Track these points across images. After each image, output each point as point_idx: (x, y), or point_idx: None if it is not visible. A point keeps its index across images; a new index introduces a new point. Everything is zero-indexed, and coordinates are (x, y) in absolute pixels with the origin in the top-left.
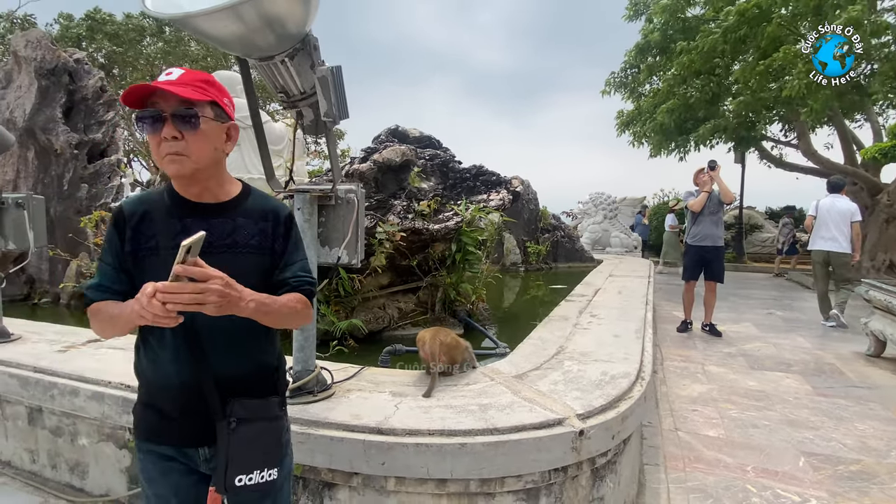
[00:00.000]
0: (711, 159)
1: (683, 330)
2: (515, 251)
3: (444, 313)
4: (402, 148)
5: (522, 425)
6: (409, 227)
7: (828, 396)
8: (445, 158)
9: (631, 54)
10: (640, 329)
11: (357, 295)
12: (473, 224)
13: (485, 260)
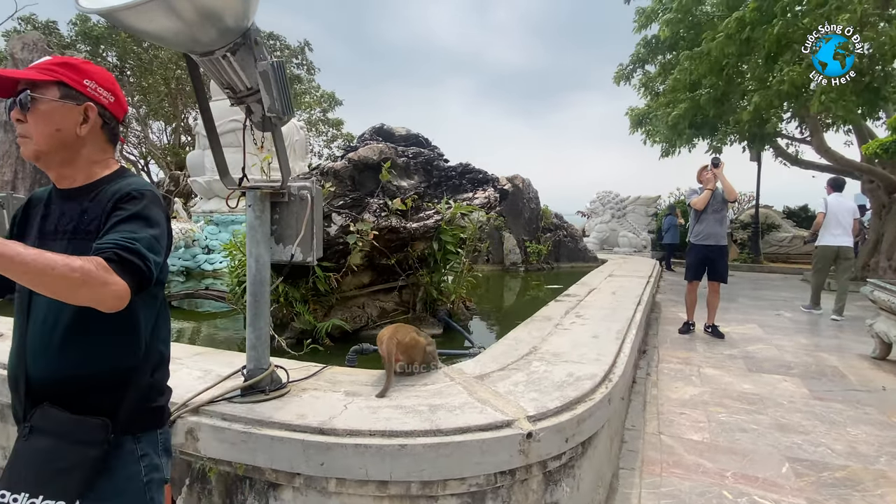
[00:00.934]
0: (715, 156)
1: (685, 331)
2: (515, 251)
3: (425, 313)
4: (379, 146)
5: (468, 427)
6: (386, 226)
7: (824, 400)
8: (430, 156)
9: (639, 48)
10: (623, 330)
11: (334, 294)
12: (454, 222)
13: (465, 259)
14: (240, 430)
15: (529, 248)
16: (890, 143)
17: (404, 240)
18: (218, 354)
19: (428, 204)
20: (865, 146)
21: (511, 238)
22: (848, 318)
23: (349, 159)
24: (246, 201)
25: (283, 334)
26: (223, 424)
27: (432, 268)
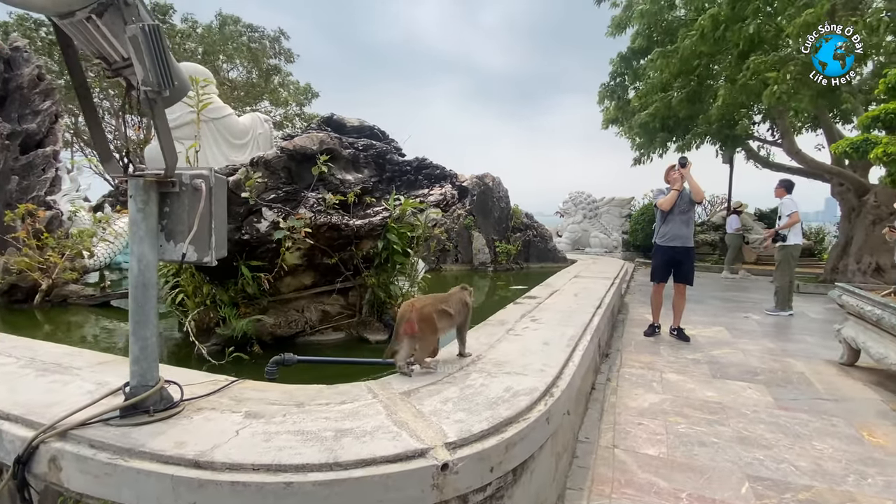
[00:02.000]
0: (682, 156)
1: (651, 334)
2: (484, 250)
3: (372, 317)
4: (320, 135)
5: (373, 458)
6: (325, 223)
7: (789, 410)
8: (382, 149)
9: (616, 62)
10: (577, 336)
11: (266, 296)
12: (404, 220)
13: (415, 258)
14: (104, 461)
15: (499, 247)
16: (860, 142)
17: (348, 238)
18: (124, 364)
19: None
20: (835, 145)
21: (480, 237)
22: (816, 321)
23: (283, 149)
24: (127, 191)
25: (208, 341)
26: (88, 453)
27: (379, 268)
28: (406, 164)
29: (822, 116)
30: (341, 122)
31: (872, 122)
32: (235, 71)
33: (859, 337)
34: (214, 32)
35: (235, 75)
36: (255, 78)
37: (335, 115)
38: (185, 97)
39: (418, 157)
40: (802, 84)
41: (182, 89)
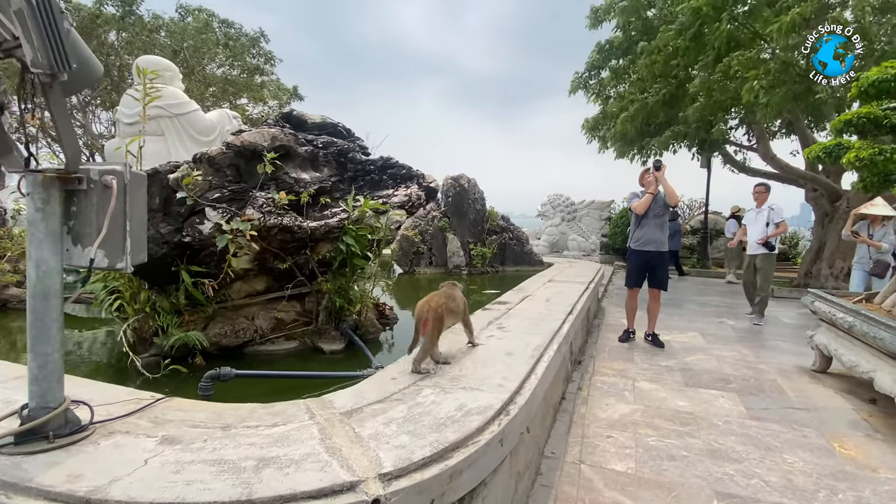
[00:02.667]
0: (657, 159)
1: (625, 339)
2: (459, 253)
3: (328, 324)
4: (272, 131)
5: (293, 494)
6: (276, 224)
7: (761, 420)
8: (344, 147)
9: (593, 54)
10: (542, 346)
11: (212, 303)
12: (364, 222)
13: (375, 262)
14: None
15: (474, 250)
16: (833, 147)
17: (302, 241)
18: None
19: (327, 199)
20: (808, 150)
21: (455, 240)
22: (789, 326)
23: (229, 145)
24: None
25: (146, 352)
26: None
27: (336, 273)
28: (370, 164)
29: (797, 122)
30: (302, 118)
31: (845, 125)
32: (211, 66)
33: (831, 344)
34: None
35: (211, 70)
36: (236, 74)
37: (295, 111)
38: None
39: (383, 157)
40: (780, 82)
41: (88, 73)
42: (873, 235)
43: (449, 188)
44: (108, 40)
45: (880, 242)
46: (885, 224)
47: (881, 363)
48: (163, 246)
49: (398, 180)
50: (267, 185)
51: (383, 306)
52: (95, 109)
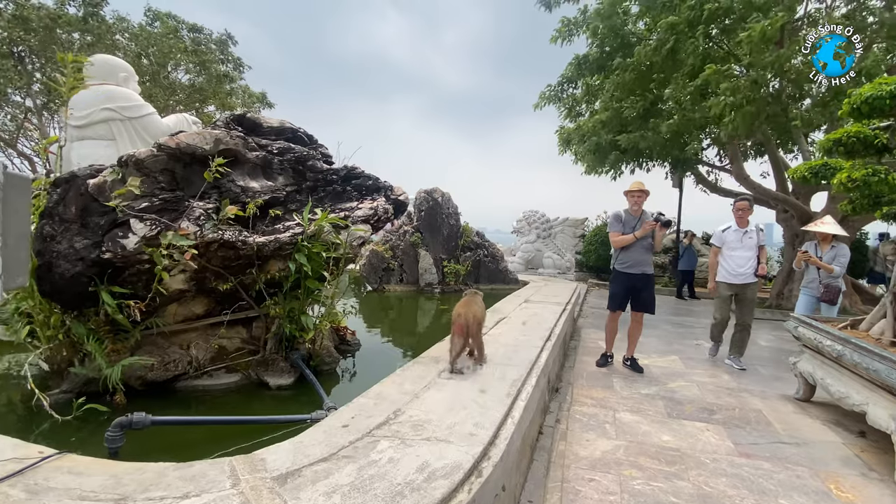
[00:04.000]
0: (668, 219)
1: (603, 364)
2: (432, 270)
3: (277, 354)
4: (216, 133)
5: None
6: (216, 239)
7: (750, 458)
8: (302, 154)
9: (569, 67)
10: (520, 379)
11: (138, 329)
12: (320, 237)
13: (333, 283)
14: None
15: (447, 267)
16: (819, 167)
17: (249, 258)
18: None
19: (276, 212)
20: (793, 170)
21: (427, 256)
22: (767, 349)
23: (161, 146)
24: None
25: (59, 387)
26: None
27: (288, 295)
28: (332, 173)
29: (767, 144)
30: (256, 121)
31: (834, 144)
32: (178, 72)
33: (817, 373)
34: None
35: (177, 77)
36: (203, 81)
37: (250, 114)
38: None
39: (347, 166)
40: (749, 100)
41: None
42: (822, 257)
43: (422, 202)
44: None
45: (832, 266)
46: (835, 245)
47: (874, 396)
48: (77, 263)
49: (363, 192)
50: (208, 193)
51: (344, 331)
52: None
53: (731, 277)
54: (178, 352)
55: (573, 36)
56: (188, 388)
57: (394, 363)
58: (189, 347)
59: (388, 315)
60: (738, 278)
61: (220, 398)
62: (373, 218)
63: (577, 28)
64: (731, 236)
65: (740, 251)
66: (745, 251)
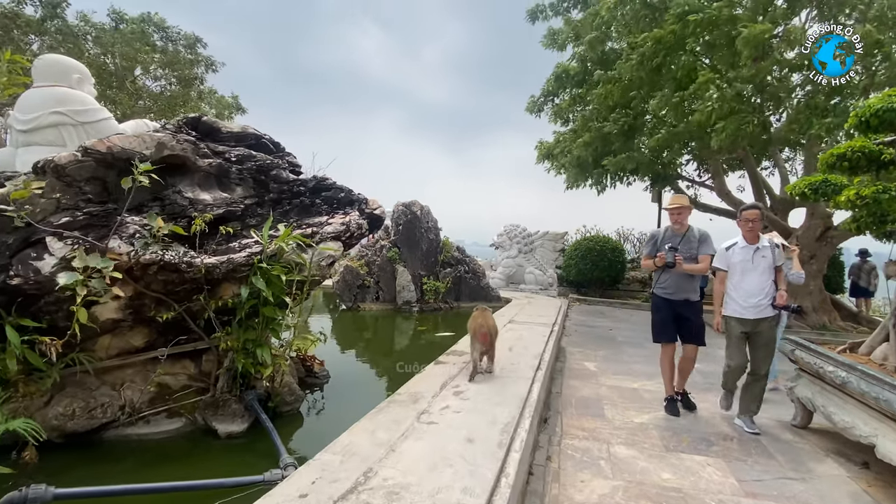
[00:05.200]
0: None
1: (673, 411)
2: (410, 287)
3: (230, 393)
4: (157, 135)
5: None
6: (155, 261)
7: (757, 498)
8: (265, 163)
9: (550, 81)
10: (513, 422)
11: (56, 368)
12: (283, 257)
13: (297, 310)
14: None
15: (426, 284)
16: (819, 183)
17: (196, 283)
18: None
19: (227, 229)
20: (791, 186)
21: (405, 272)
22: None
23: (88, 150)
24: None
25: None
26: None
27: (243, 324)
28: (300, 184)
29: (746, 159)
30: (213, 125)
31: (837, 160)
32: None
33: (816, 399)
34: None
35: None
36: (174, 87)
37: (205, 118)
38: None
39: (316, 176)
40: (733, 110)
41: None
42: None
43: (400, 215)
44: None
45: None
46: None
47: (885, 428)
48: None
49: (335, 205)
50: (147, 206)
51: (311, 360)
52: None
53: (742, 311)
54: (108, 394)
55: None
56: (119, 438)
57: (367, 399)
58: (123, 387)
59: (363, 337)
60: (752, 311)
61: (157, 450)
62: (344, 234)
63: (566, 38)
64: (738, 255)
65: (752, 275)
66: (758, 275)
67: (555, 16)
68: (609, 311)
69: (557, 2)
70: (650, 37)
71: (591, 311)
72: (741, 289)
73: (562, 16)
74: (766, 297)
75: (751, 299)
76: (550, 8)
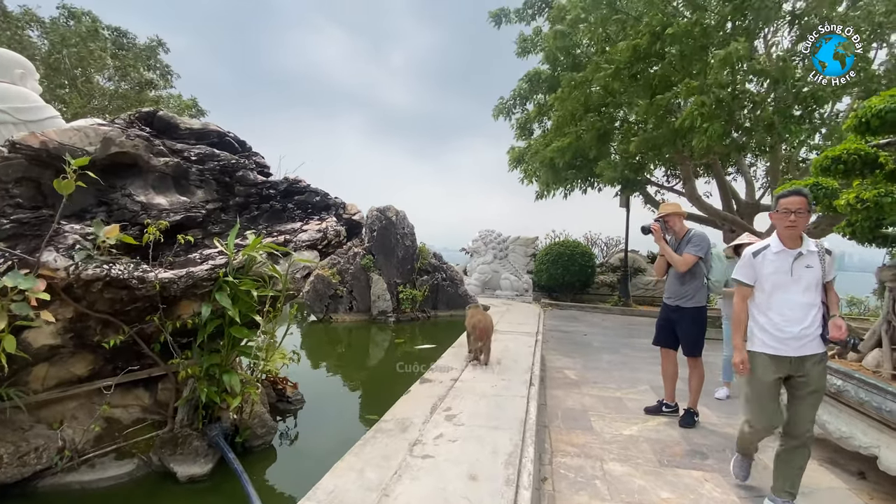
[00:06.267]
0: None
1: (654, 410)
2: (385, 297)
3: (190, 426)
4: (103, 129)
5: None
6: (99, 277)
7: None
8: (230, 163)
9: (521, 83)
10: (516, 451)
11: None
12: (251, 270)
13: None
14: None
15: (403, 293)
16: (811, 186)
17: (150, 300)
18: None
19: (187, 237)
20: (779, 189)
21: (381, 281)
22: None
23: (18, 145)
24: None
25: None
26: None
27: (206, 348)
28: (269, 187)
29: (714, 165)
30: (171, 121)
31: (833, 162)
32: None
33: None
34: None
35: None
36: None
37: (161, 112)
38: None
39: (288, 178)
40: (714, 115)
41: None
42: None
43: (374, 221)
44: None
45: None
46: None
47: (888, 439)
48: None
49: (309, 210)
50: (90, 212)
51: (283, 383)
52: None
53: (777, 345)
54: (44, 434)
55: (529, 53)
56: (58, 487)
57: (347, 425)
58: (62, 424)
59: (337, 351)
60: (792, 345)
61: (104, 500)
62: (321, 242)
63: (533, 47)
64: (771, 264)
65: (792, 293)
66: (801, 292)
67: (519, 21)
68: (581, 316)
69: (522, 8)
70: (626, 45)
71: (564, 316)
72: (776, 312)
73: (526, 21)
74: (813, 324)
75: (791, 328)
76: (515, 14)
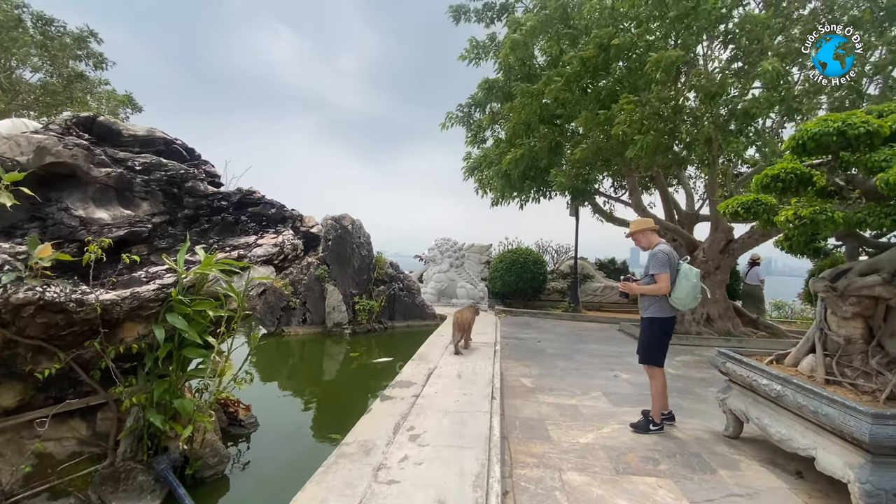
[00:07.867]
0: None
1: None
2: (341, 308)
3: (135, 459)
4: (37, 137)
5: None
6: (31, 300)
7: None
8: (178, 173)
9: (478, 92)
10: (483, 473)
11: None
12: (204, 288)
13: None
14: None
15: (359, 304)
16: (751, 202)
17: (89, 324)
18: None
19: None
20: (723, 204)
21: (336, 292)
22: (678, 378)
23: None
24: None
25: None
26: None
27: (154, 373)
28: (221, 198)
29: (657, 177)
30: (112, 127)
31: (772, 180)
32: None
33: (750, 411)
34: None
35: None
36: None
37: (101, 118)
38: None
39: (241, 189)
40: (650, 127)
41: None
42: None
43: (329, 230)
44: None
45: None
46: None
47: (823, 440)
48: None
49: (264, 223)
50: (23, 228)
51: (235, 405)
52: None
53: None
54: None
55: (481, 59)
56: None
57: (305, 447)
58: None
59: (290, 366)
60: None
61: None
62: (277, 257)
63: (486, 53)
64: None
65: None
66: None
67: (478, 22)
68: (534, 322)
69: (482, 9)
70: (576, 56)
71: (517, 323)
72: None
73: (485, 23)
74: None
75: None
76: (475, 13)
